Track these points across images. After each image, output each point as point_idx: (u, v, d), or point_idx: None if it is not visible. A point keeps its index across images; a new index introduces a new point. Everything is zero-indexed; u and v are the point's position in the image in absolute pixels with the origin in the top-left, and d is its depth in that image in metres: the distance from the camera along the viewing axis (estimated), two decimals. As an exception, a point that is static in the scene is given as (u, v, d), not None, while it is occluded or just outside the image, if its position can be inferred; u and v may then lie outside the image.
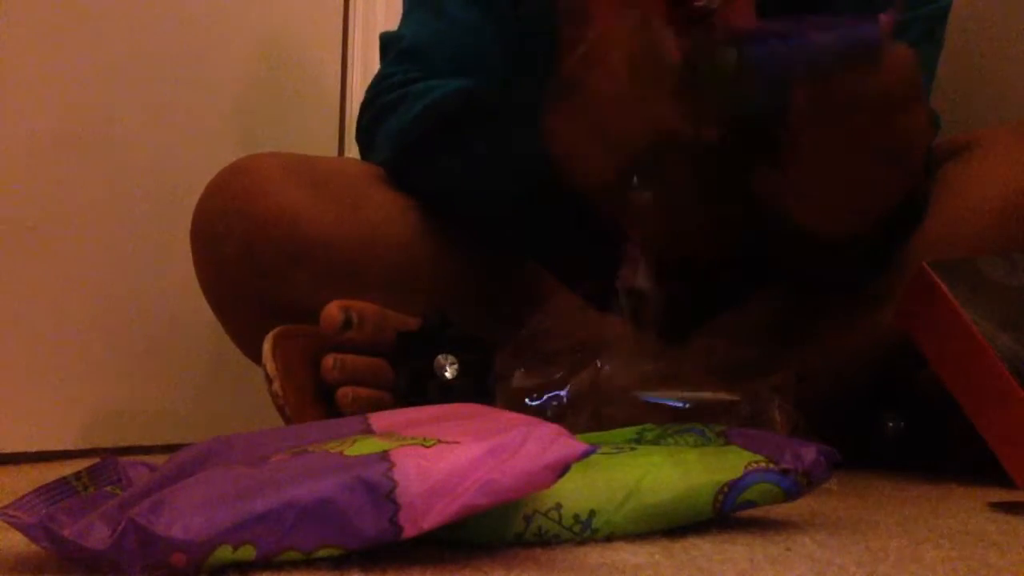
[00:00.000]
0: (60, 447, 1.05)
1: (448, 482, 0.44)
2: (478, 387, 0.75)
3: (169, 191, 1.11)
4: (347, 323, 0.75)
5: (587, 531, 0.51)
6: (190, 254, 0.91)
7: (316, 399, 0.76)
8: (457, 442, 0.46)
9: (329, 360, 0.75)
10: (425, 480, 0.44)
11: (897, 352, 0.82)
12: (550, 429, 0.47)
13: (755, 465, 0.55)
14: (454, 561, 0.46)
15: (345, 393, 0.74)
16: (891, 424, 0.84)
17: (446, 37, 0.92)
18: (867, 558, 0.49)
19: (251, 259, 0.85)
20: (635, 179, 0.74)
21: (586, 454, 0.46)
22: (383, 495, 0.44)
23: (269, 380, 0.75)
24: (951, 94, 1.03)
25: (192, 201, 0.90)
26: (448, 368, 0.76)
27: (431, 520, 0.44)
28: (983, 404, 0.74)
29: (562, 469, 0.46)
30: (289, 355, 0.76)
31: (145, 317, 1.14)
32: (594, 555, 0.48)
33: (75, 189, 1.06)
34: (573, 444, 0.46)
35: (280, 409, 0.76)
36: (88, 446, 1.07)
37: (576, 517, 0.51)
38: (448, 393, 0.74)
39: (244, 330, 0.89)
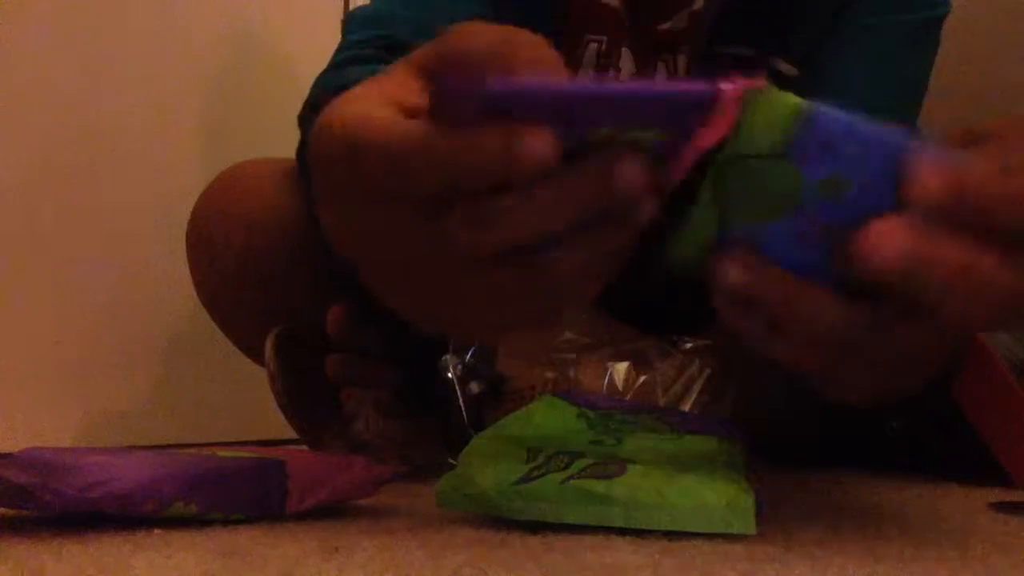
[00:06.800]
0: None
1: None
2: (480, 388, 0.75)
3: (169, 190, 1.11)
4: (352, 325, 0.75)
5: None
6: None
7: (318, 398, 0.76)
8: None
9: (333, 360, 0.75)
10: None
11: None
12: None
13: None
14: (453, 561, 0.46)
15: (349, 393, 0.75)
16: (896, 425, 0.84)
17: (413, 2, 0.81)
18: (867, 558, 0.49)
19: (249, 265, 0.84)
20: None
21: None
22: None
23: (271, 379, 0.76)
24: (951, 94, 1.03)
25: (192, 198, 0.90)
26: (450, 368, 0.76)
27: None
28: (983, 404, 0.74)
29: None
30: (291, 354, 0.76)
31: (145, 317, 1.14)
32: (594, 555, 0.48)
33: (75, 189, 1.06)
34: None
35: (282, 408, 0.76)
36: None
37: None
38: (449, 393, 0.74)
39: (242, 334, 0.89)
